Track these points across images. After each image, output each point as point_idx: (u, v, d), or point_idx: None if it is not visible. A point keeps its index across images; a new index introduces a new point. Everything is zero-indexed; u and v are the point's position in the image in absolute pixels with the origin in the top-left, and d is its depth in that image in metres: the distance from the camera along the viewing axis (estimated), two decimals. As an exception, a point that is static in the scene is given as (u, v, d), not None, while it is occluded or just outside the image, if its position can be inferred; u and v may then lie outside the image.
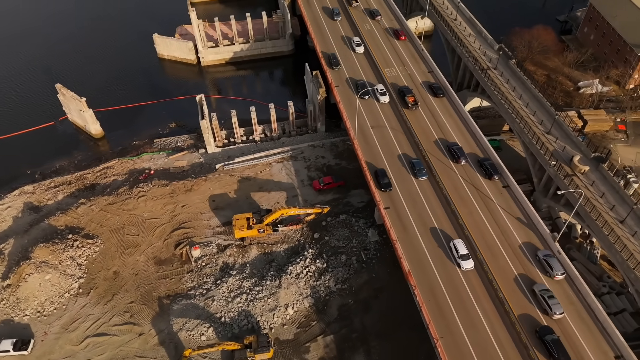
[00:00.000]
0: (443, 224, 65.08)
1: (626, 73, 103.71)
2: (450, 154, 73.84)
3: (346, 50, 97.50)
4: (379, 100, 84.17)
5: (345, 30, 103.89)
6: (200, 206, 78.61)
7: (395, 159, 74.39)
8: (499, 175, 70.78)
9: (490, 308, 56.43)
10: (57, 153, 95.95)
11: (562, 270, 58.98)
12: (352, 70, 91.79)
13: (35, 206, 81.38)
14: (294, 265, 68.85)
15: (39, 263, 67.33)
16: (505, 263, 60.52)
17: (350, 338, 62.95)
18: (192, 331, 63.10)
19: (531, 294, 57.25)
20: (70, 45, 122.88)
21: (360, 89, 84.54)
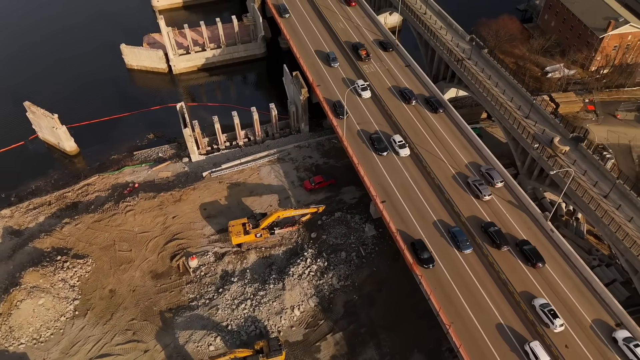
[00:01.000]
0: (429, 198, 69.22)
1: (589, 56, 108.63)
2: (402, 97, 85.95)
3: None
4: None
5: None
6: (192, 216, 77.21)
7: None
8: (443, 109, 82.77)
9: (494, 289, 57.90)
10: (31, 173, 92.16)
11: (501, 178, 70.22)
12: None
13: (15, 230, 77.87)
14: (295, 267, 68.65)
15: (30, 288, 64.49)
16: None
17: (359, 333, 63.34)
18: (199, 342, 61.94)
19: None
20: (34, 60, 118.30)
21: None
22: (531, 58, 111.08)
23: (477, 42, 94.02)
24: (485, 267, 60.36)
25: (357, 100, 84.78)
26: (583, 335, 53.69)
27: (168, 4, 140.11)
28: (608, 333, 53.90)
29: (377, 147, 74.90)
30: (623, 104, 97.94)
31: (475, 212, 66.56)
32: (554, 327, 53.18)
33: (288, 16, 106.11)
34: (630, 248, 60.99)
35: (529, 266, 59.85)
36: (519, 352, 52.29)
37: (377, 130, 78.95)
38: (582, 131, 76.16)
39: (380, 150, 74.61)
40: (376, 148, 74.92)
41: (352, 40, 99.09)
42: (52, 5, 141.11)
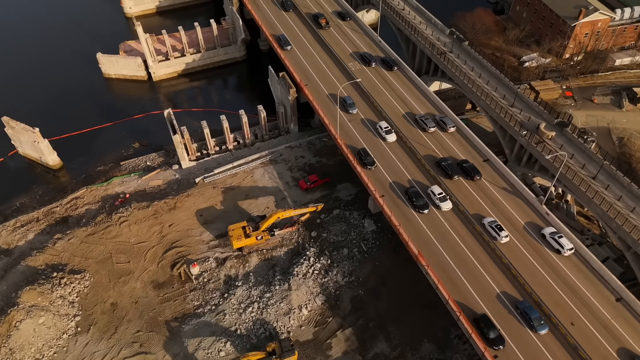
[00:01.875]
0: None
1: (562, 44, 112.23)
2: (363, 61, 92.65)
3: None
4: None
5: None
6: (189, 223, 76.24)
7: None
8: (397, 67, 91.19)
9: (496, 271, 59.41)
10: (14, 190, 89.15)
11: (452, 124, 78.54)
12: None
13: (4, 249, 75.26)
14: (299, 266, 68.66)
15: (28, 307, 62.50)
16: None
17: (368, 327, 63.86)
18: (209, 349, 61.29)
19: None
20: (6, 74, 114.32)
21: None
22: (507, 49, 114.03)
23: (457, 35, 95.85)
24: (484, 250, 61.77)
25: (382, 145, 76.61)
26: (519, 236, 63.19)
27: (141, 10, 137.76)
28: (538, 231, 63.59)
29: (417, 203, 66.20)
30: (599, 88, 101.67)
31: (426, 145, 76.57)
32: (500, 238, 62.08)
33: (290, 48, 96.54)
34: (623, 225, 63.38)
35: (468, 180, 70.47)
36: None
37: (412, 183, 69.85)
38: (566, 116, 78.62)
39: (421, 207, 65.99)
40: (415, 205, 66.32)
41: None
42: (18, 16, 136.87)
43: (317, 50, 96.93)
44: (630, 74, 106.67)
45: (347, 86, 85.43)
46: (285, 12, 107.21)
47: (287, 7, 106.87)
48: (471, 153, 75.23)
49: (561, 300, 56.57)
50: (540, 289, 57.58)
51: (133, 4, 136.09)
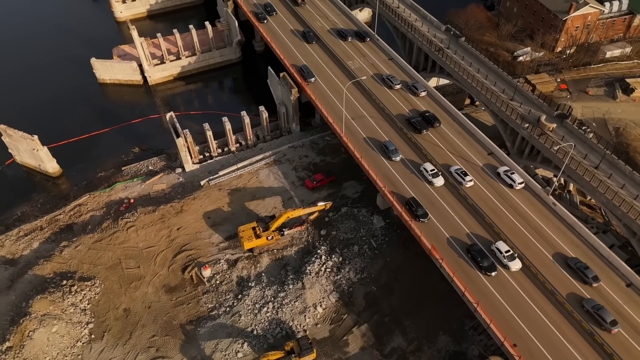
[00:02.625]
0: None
1: (553, 38, 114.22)
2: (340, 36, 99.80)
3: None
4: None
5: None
6: (197, 226, 75.91)
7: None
8: (369, 38, 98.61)
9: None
10: (14, 199, 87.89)
11: (424, 89, 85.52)
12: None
13: (9, 259, 74.08)
14: (311, 265, 68.84)
15: (40, 317, 61.64)
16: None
17: (383, 323, 64.31)
18: (226, 351, 61.16)
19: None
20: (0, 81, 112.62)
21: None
22: (500, 44, 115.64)
23: (454, 32, 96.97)
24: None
25: (429, 190, 69.60)
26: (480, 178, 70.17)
27: (132, 15, 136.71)
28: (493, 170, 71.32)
29: (483, 265, 59.00)
30: (592, 80, 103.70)
31: (394, 103, 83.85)
32: (465, 183, 68.97)
33: (314, 80, 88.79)
34: (628, 213, 64.82)
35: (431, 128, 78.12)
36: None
37: (473, 238, 62.80)
38: (565, 108, 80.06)
39: (487, 269, 58.90)
40: (481, 266, 59.20)
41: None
42: (9, 22, 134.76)
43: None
44: (621, 66, 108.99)
45: (385, 127, 79.14)
46: (308, 44, 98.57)
47: (310, 39, 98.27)
48: (475, 147, 76.14)
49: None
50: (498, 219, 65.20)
51: (124, 8, 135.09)
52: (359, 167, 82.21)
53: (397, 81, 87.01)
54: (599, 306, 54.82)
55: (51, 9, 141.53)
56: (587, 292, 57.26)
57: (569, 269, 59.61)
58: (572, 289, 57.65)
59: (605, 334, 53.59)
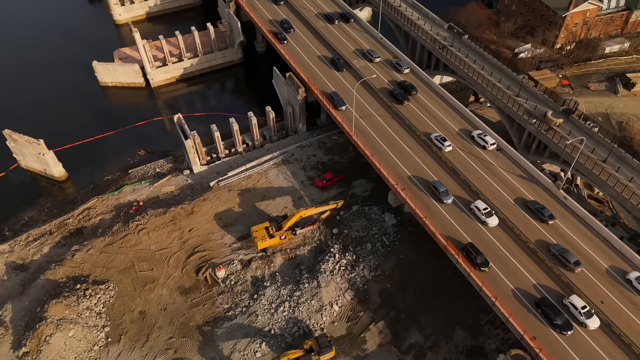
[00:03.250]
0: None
1: (553, 35, 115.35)
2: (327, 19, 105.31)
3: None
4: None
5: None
6: (208, 227, 75.82)
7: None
8: (353, 19, 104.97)
9: (520, 253, 61.40)
10: (20, 204, 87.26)
11: (407, 66, 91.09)
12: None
13: (19, 265, 73.57)
14: (325, 264, 69.03)
15: (57, 321, 61.31)
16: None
17: (400, 319, 64.66)
18: (244, 351, 61.18)
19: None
20: (2, 88, 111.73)
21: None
22: (500, 41, 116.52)
23: (457, 30, 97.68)
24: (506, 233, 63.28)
25: (482, 231, 64.48)
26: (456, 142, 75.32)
27: (131, 17, 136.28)
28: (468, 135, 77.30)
29: (557, 322, 53.58)
30: (593, 76, 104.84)
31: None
32: (444, 148, 74.51)
33: (345, 108, 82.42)
34: (638, 205, 65.69)
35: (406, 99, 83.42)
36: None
37: (540, 290, 57.73)
38: (571, 103, 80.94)
39: (562, 327, 53.32)
40: (555, 324, 53.75)
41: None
42: (8, 24, 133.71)
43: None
44: (620, 61, 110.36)
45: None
46: (338, 71, 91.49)
47: (340, 66, 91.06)
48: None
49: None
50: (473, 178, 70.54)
51: (123, 10, 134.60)
52: (367, 165, 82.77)
53: (377, 54, 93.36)
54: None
55: (49, 12, 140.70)
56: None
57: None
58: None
59: None
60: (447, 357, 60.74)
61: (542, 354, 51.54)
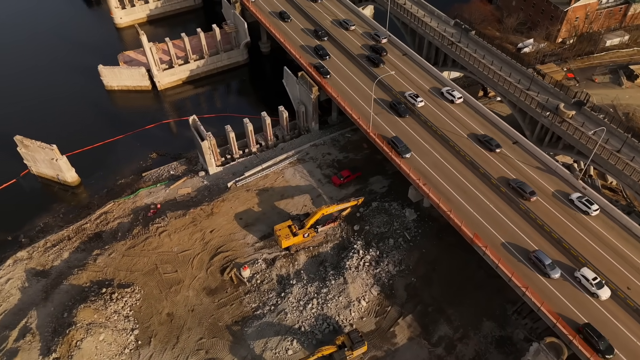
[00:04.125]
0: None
1: (554, 29, 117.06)
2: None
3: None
4: None
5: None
6: (230, 227, 75.87)
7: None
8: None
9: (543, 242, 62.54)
10: (34, 211, 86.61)
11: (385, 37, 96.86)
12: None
13: (40, 271, 72.96)
14: (349, 260, 69.47)
15: (86, 325, 60.99)
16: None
17: (427, 312, 65.33)
18: (276, 349, 61.39)
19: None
20: (8, 93, 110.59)
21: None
22: (504, 37, 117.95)
23: (465, 26, 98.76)
24: (530, 224, 64.25)
25: (594, 305, 56.46)
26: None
27: (132, 20, 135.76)
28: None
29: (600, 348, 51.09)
30: (597, 68, 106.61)
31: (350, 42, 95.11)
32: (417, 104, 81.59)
33: (410, 156, 75.38)
34: (656, 193, 67.12)
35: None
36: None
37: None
38: (582, 95, 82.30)
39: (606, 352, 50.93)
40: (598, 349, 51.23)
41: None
42: (9, 32, 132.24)
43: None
44: (622, 53, 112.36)
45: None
46: (400, 117, 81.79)
47: (402, 112, 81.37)
48: (499, 136, 77.70)
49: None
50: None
51: (124, 14, 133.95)
52: (382, 162, 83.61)
53: (352, 23, 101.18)
54: None
55: (47, 16, 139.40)
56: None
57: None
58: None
59: None
60: (477, 348, 61.51)
61: (576, 340, 52.48)
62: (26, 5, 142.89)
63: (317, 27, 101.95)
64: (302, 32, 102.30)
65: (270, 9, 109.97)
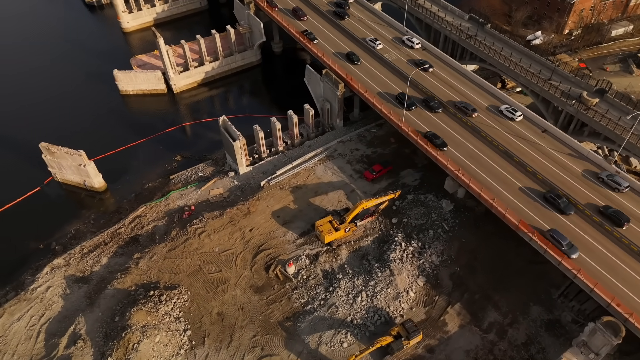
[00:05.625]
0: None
1: (561, 21, 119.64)
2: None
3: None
4: None
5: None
6: (268, 225, 76.17)
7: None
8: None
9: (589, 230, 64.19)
10: (63, 218, 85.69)
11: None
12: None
13: (80, 277, 72.34)
14: (393, 253, 70.31)
15: (141, 328, 60.79)
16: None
17: (474, 300, 66.49)
18: (331, 343, 61.96)
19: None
20: (22, 100, 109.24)
21: None
22: (514, 30, 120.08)
23: (481, 20, 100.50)
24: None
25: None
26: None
27: (139, 24, 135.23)
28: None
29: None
30: (608, 58, 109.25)
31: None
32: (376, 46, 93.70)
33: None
34: (686, 175, 69.31)
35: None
36: None
37: None
38: (603, 83, 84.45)
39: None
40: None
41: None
42: (16, 42, 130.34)
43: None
44: (629, 42, 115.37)
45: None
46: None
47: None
48: (531, 128, 79.32)
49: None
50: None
51: (131, 18, 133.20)
52: (411, 155, 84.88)
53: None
54: None
55: (51, 23, 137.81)
56: None
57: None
58: None
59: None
60: (527, 332, 62.84)
61: (633, 318, 54.11)
62: (30, 17, 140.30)
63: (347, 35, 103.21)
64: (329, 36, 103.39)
65: (282, 6, 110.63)
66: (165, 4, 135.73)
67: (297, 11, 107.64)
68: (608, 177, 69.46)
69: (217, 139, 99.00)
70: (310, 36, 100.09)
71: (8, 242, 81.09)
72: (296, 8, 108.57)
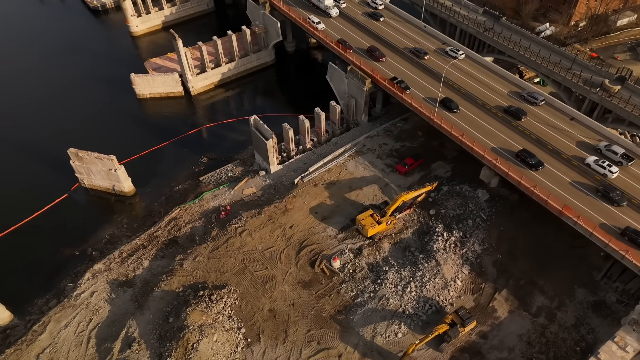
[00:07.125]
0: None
1: (568, 12, 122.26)
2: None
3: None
4: None
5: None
6: (308, 221, 76.73)
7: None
8: None
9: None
10: (95, 224, 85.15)
11: None
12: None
13: (123, 281, 72.13)
14: (436, 243, 71.40)
15: (198, 328, 60.92)
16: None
17: (520, 285, 67.93)
18: (385, 333, 62.82)
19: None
20: (37, 107, 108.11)
21: None
22: (521, 23, 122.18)
23: (497, 13, 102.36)
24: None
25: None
26: None
27: (147, 28, 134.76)
28: None
29: None
30: (618, 47, 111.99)
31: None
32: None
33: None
34: None
35: None
36: None
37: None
38: (623, 71, 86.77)
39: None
40: None
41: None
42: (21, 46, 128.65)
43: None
44: (635, 32, 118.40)
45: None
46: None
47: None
48: (559, 116, 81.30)
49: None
50: None
51: (140, 22, 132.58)
52: (440, 148, 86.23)
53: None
54: None
55: (62, 30, 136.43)
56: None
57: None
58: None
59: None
60: (576, 314, 64.43)
61: (611, 243, 56.61)
62: (37, 25, 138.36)
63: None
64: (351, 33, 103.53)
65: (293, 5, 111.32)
66: (174, 7, 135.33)
67: (374, 51, 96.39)
68: None
69: (241, 140, 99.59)
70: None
71: (42, 250, 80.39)
72: (372, 47, 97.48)
